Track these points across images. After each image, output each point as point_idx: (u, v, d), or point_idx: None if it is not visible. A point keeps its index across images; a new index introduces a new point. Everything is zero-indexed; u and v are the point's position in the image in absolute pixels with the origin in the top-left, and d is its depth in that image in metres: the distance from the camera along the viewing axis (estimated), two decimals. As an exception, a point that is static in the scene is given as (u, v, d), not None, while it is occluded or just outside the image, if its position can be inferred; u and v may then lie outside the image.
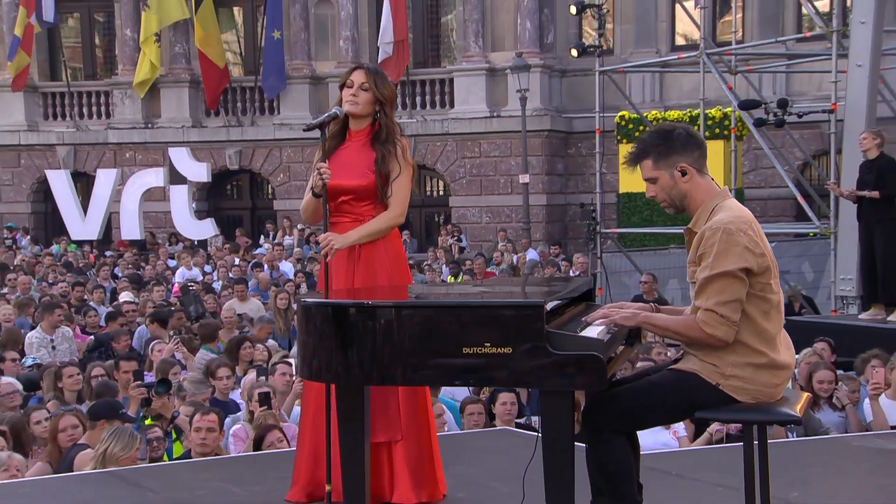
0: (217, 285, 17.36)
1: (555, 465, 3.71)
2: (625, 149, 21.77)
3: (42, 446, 7.20)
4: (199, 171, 23.92)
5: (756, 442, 3.96)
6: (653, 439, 6.88)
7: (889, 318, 11.18)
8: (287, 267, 19.33)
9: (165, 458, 6.91)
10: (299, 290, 15.97)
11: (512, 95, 23.53)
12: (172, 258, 20.92)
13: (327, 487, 4.76)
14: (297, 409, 8.15)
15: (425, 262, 19.30)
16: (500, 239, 22.41)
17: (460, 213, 24.60)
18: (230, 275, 17.73)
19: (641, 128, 21.23)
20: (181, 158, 23.91)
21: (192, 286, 16.14)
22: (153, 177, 23.88)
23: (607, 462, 3.89)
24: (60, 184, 24.14)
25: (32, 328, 12.34)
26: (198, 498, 5.12)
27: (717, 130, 19.72)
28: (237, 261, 19.21)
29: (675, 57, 17.35)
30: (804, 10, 23.45)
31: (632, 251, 17.85)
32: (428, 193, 25.96)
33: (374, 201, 4.88)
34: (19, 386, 8.84)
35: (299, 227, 24.18)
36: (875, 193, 10.80)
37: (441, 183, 25.44)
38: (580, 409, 7.29)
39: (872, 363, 8.50)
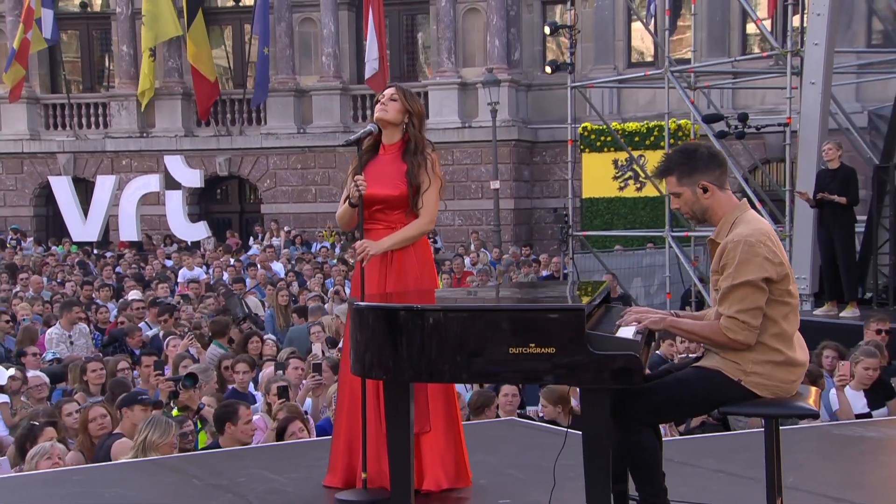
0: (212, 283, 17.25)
1: (595, 455, 3.71)
2: (588, 157, 21.95)
3: (73, 437, 7.13)
4: (192, 178, 23.72)
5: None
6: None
7: (841, 314, 11.32)
8: (278, 267, 19.23)
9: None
10: (290, 289, 15.90)
11: (482, 108, 23.55)
12: (169, 258, 20.77)
13: (363, 475, 4.75)
14: (309, 401, 8.14)
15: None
16: (472, 240, 22.40)
17: (435, 217, 24.53)
18: (224, 274, 17.62)
19: (603, 137, 21.35)
20: (176, 165, 23.70)
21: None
22: (150, 182, 23.65)
23: (638, 452, 3.90)
24: (62, 189, 23.86)
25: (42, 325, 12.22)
26: (240, 484, 5.08)
27: (673, 141, 19.82)
28: (232, 261, 19.09)
29: (642, 74, 17.38)
30: (748, 31, 23.79)
31: (598, 252, 17.91)
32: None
33: (406, 209, 4.88)
34: (46, 379, 8.78)
35: (286, 229, 24.10)
36: (843, 199, 10.93)
37: (417, 188, 25.36)
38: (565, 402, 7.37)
39: (825, 354, 8.62)
